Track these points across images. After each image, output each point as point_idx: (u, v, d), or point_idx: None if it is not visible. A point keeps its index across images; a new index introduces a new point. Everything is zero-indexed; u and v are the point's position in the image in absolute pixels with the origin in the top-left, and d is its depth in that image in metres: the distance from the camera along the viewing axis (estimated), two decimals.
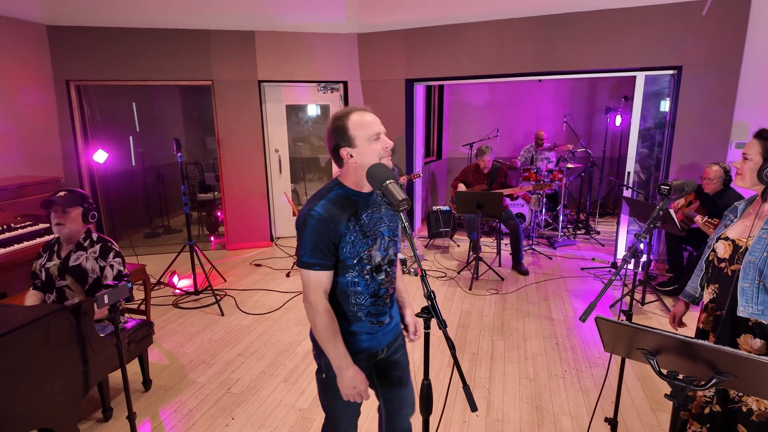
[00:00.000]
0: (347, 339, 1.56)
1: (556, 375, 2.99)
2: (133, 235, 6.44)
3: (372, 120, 1.49)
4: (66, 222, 2.44)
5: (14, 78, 4.53)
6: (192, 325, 3.75)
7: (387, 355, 1.68)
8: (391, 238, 1.60)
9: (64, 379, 1.83)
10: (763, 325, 1.66)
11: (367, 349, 1.60)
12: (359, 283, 1.53)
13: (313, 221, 1.43)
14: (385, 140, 1.50)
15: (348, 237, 1.47)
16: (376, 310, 1.58)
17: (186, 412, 2.66)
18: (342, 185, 1.52)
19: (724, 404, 1.79)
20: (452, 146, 8.21)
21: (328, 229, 1.43)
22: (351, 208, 1.50)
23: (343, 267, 1.50)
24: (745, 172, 1.73)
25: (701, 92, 4.42)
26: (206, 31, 5.29)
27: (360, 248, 1.50)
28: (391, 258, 1.60)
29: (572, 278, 4.66)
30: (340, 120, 1.47)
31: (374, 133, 1.47)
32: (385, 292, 1.59)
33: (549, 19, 4.85)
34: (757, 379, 1.26)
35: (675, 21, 4.38)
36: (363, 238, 1.50)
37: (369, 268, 1.53)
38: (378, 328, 1.60)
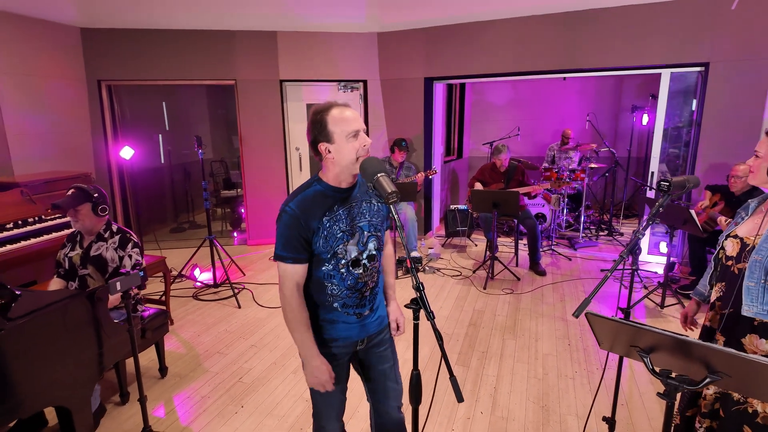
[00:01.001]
0: (323, 326, 1.62)
1: (566, 375, 2.95)
2: (159, 229, 6.68)
3: (351, 116, 1.49)
4: (79, 218, 2.57)
5: (49, 78, 4.76)
6: (210, 317, 3.87)
7: (368, 346, 1.72)
8: (372, 233, 1.61)
9: (79, 360, 1.94)
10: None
11: (344, 337, 1.64)
12: (335, 276, 1.57)
13: (286, 217, 1.50)
14: (363, 138, 1.51)
15: (321, 232, 1.52)
16: (353, 302, 1.62)
17: (198, 399, 2.76)
18: (321, 181, 1.56)
19: (727, 407, 1.74)
20: (473, 145, 8.15)
21: (299, 225, 1.49)
22: (327, 204, 1.53)
23: (318, 260, 1.55)
24: (757, 170, 1.69)
25: (729, 89, 4.26)
26: (230, 32, 5.43)
27: (334, 243, 1.53)
28: (371, 253, 1.61)
29: (591, 279, 4.57)
30: (319, 114, 1.49)
31: (352, 130, 1.47)
32: (364, 285, 1.61)
33: (571, 16, 4.77)
34: (752, 379, 1.23)
35: (702, 16, 4.24)
36: (339, 233, 1.53)
37: (344, 262, 1.56)
38: (356, 320, 1.64)
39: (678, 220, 3.61)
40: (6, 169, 4.28)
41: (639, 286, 4.39)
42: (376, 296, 1.71)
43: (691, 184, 1.62)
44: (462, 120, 7.84)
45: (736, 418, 1.74)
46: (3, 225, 3.33)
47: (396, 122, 5.93)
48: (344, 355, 1.69)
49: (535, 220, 4.87)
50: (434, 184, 6.22)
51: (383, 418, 1.84)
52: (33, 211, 3.59)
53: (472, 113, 8.19)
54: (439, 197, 6.53)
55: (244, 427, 2.50)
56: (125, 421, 2.56)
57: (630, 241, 1.62)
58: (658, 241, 5.15)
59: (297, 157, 6.08)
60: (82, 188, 2.57)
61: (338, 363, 1.68)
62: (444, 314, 3.86)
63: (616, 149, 7.23)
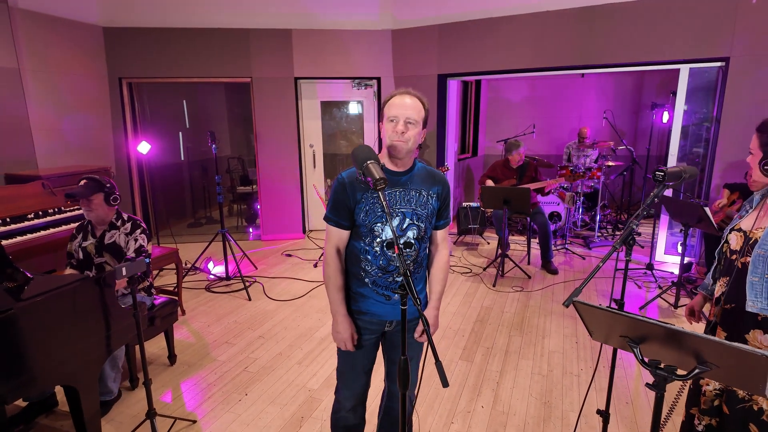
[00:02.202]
0: (354, 297, 1.70)
1: (571, 373, 2.91)
2: (178, 224, 6.83)
3: (401, 104, 1.58)
4: (92, 208, 2.66)
5: (73, 75, 4.93)
6: (220, 308, 3.95)
7: (396, 330, 1.75)
8: (413, 222, 1.64)
9: (87, 341, 2.01)
10: None
11: (372, 313, 1.69)
12: (369, 252, 1.64)
13: (336, 183, 1.65)
14: (398, 125, 1.56)
15: (363, 205, 1.60)
16: (383, 282, 1.66)
17: (204, 386, 2.82)
18: (378, 160, 1.60)
19: (732, 405, 1.71)
20: (489, 143, 8.10)
21: (345, 192, 1.60)
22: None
23: (356, 233, 1.65)
24: (753, 167, 1.66)
25: (750, 85, 4.14)
26: (246, 30, 5.52)
27: (373, 219, 1.60)
28: (408, 240, 1.64)
29: (604, 279, 4.50)
30: (386, 97, 1.64)
31: (392, 115, 1.58)
32: (396, 269, 1.65)
33: (587, 11, 4.70)
34: (739, 368, 1.21)
35: (722, 10, 4.13)
36: (379, 212, 1.60)
37: (379, 240, 1.62)
38: (385, 301, 1.68)
39: (692, 217, 3.52)
40: (30, 163, 4.46)
41: (654, 286, 4.30)
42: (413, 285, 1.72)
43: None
44: (477, 117, 7.79)
45: (741, 416, 1.70)
46: (24, 215, 3.47)
47: None
48: (371, 333, 1.73)
49: (546, 217, 4.81)
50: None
51: (393, 402, 1.90)
52: (53, 203, 3.73)
53: (488, 111, 8.13)
54: (452, 195, 6.50)
55: (247, 414, 2.55)
56: (134, 404, 2.64)
57: (623, 231, 1.60)
58: (676, 241, 5.03)
59: (311, 154, 6.15)
60: (95, 179, 2.66)
61: (365, 338, 1.73)
62: (451, 310, 3.86)
63: (635, 148, 7.09)
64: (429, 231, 1.72)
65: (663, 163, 6.79)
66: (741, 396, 1.68)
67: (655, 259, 4.91)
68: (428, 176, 1.71)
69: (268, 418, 2.52)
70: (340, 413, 1.83)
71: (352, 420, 1.83)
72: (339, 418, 1.84)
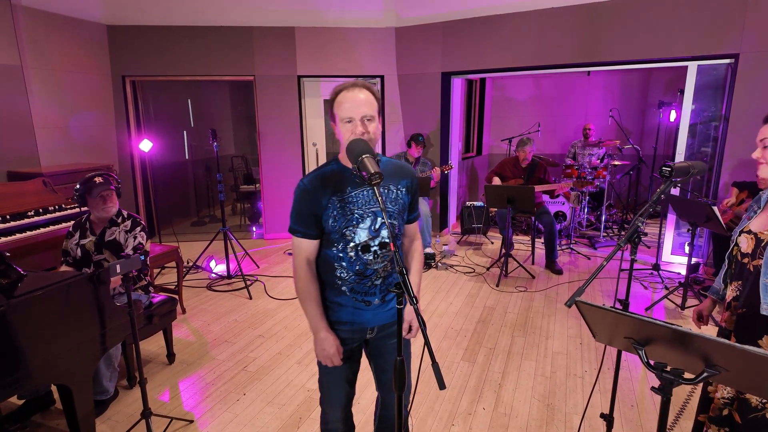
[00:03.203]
0: (331, 307, 1.61)
1: (575, 375, 2.86)
2: (181, 222, 6.83)
3: (351, 103, 1.46)
4: (114, 203, 2.70)
5: (76, 73, 4.93)
6: (221, 307, 3.92)
7: (379, 336, 1.68)
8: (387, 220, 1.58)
9: (80, 340, 1.98)
10: None
11: (351, 322, 1.62)
12: (343, 259, 1.55)
13: (298, 191, 1.53)
14: (356, 126, 1.46)
15: (330, 211, 1.50)
16: (361, 288, 1.58)
17: (203, 386, 2.79)
18: (338, 161, 1.56)
19: (744, 414, 1.63)
20: (494, 142, 8.03)
21: (309, 200, 1.50)
22: (341, 184, 1.51)
23: (327, 240, 1.55)
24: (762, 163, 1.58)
25: (760, 83, 4.05)
26: (249, 28, 5.50)
27: (343, 224, 1.51)
28: (384, 240, 1.56)
29: (609, 279, 4.43)
30: (333, 95, 1.51)
31: (346, 116, 1.46)
32: (373, 273, 1.57)
33: (592, 7, 4.63)
34: (750, 372, 1.15)
35: (731, 5, 4.05)
36: (349, 215, 1.51)
37: (353, 245, 1.53)
38: (365, 307, 1.61)
39: (700, 217, 3.45)
40: (33, 161, 4.45)
41: (660, 287, 4.22)
42: (389, 287, 1.65)
43: (696, 169, 1.52)
44: (482, 116, 7.73)
45: (753, 426, 1.62)
46: (24, 213, 3.46)
47: (413, 117, 5.89)
48: (352, 341, 1.66)
49: (552, 217, 4.75)
50: (451, 180, 6.15)
51: (388, 410, 1.82)
52: (54, 200, 3.72)
53: (492, 109, 8.07)
54: (455, 194, 6.45)
55: (245, 413, 2.52)
56: (131, 404, 2.61)
57: (629, 229, 1.54)
58: (684, 241, 4.95)
59: (314, 153, 6.11)
60: (104, 175, 2.67)
61: (346, 348, 1.65)
62: (453, 310, 3.81)
63: (642, 147, 7.00)
64: (402, 227, 1.63)
65: None
66: (754, 405, 1.60)
67: (662, 260, 4.83)
68: (395, 170, 1.60)
69: (266, 417, 2.48)
70: (328, 425, 1.76)
71: (341, 429, 1.77)
72: (329, 430, 1.77)
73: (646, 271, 4.57)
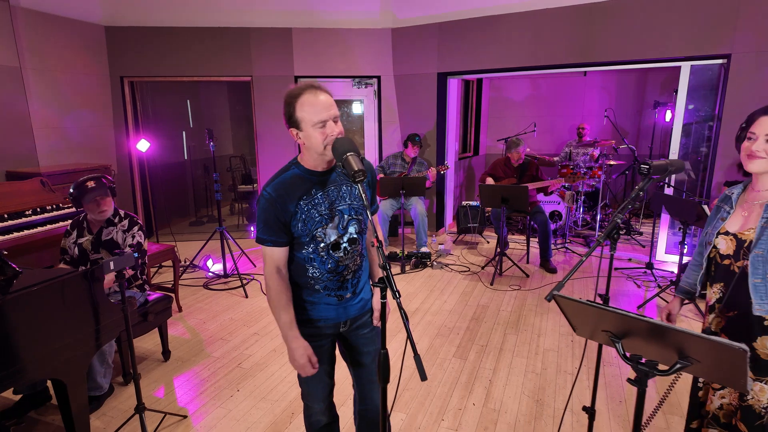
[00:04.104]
0: (305, 307, 1.64)
1: (566, 371, 2.89)
2: (180, 222, 6.87)
3: (320, 105, 1.45)
4: (108, 207, 2.74)
5: (74, 74, 4.97)
6: (217, 305, 3.96)
7: (352, 328, 1.72)
8: (353, 217, 1.61)
9: (74, 336, 2.02)
10: None
11: (325, 318, 1.65)
12: (315, 259, 1.58)
13: (263, 200, 1.52)
14: (330, 128, 1.46)
15: (299, 216, 1.53)
16: (334, 285, 1.62)
17: (197, 382, 2.83)
18: (299, 165, 1.57)
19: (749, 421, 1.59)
20: (490, 142, 8.07)
21: (276, 209, 1.50)
22: (304, 187, 1.53)
23: (298, 243, 1.57)
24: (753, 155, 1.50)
25: (753, 82, 4.08)
26: (246, 29, 5.54)
27: (312, 227, 1.54)
28: (352, 236, 1.61)
29: (603, 278, 4.45)
30: (290, 99, 1.47)
31: (318, 120, 1.44)
32: (344, 268, 1.62)
33: (587, 8, 4.66)
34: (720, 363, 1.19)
35: (723, 6, 4.08)
36: (317, 217, 1.54)
37: (324, 245, 1.57)
38: (337, 302, 1.64)
39: (691, 215, 3.48)
40: (31, 160, 4.49)
41: (653, 285, 4.25)
42: (359, 280, 1.70)
43: (674, 167, 1.56)
44: (479, 116, 7.77)
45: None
46: (22, 212, 3.50)
47: (409, 118, 5.93)
48: (326, 337, 1.70)
49: (546, 216, 4.78)
50: (447, 180, 6.19)
51: (366, 405, 1.84)
52: (51, 200, 3.76)
53: (489, 110, 8.10)
54: (452, 194, 6.48)
55: (238, 409, 2.55)
56: (126, 400, 2.65)
57: (608, 225, 1.58)
58: (677, 240, 4.97)
59: None
60: (99, 179, 2.70)
61: (320, 344, 1.69)
62: (447, 308, 3.84)
63: (639, 147, 7.04)
64: (366, 222, 1.66)
65: None
66: (757, 411, 1.57)
67: (656, 259, 4.86)
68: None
69: (259, 413, 2.52)
70: (312, 417, 1.80)
71: (325, 420, 1.80)
72: (313, 422, 1.81)
73: (639, 270, 4.60)
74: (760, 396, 1.55)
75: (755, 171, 1.55)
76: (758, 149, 1.51)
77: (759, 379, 1.55)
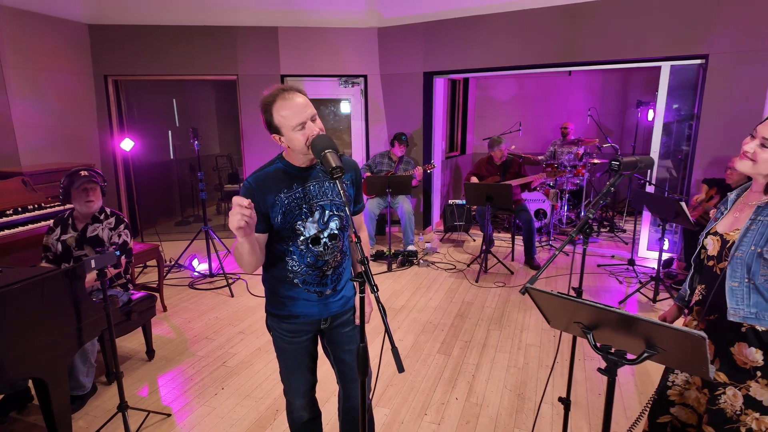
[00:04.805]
0: (284, 302, 1.66)
1: (547, 366, 2.94)
2: (165, 222, 6.82)
3: (295, 108, 1.48)
4: (96, 198, 2.73)
5: (57, 72, 4.92)
6: (202, 305, 3.95)
7: (333, 326, 1.74)
8: (334, 213, 1.64)
9: (55, 334, 2.01)
10: (759, 332, 1.44)
11: (305, 314, 1.67)
12: (294, 252, 1.61)
13: (243, 189, 1.58)
14: (310, 129, 1.49)
15: (278, 208, 1.56)
16: (313, 280, 1.64)
17: (181, 381, 2.83)
18: (283, 159, 1.62)
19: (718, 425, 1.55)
20: (477, 141, 8.13)
21: (254, 198, 1.53)
22: (286, 181, 1.58)
23: (278, 236, 1.60)
24: (763, 162, 1.43)
25: (730, 82, 4.18)
26: (232, 28, 5.52)
27: (292, 219, 1.57)
28: (332, 232, 1.63)
29: (586, 274, 4.53)
30: (265, 107, 1.51)
31: (297, 124, 1.48)
32: (324, 264, 1.64)
33: (570, 9, 4.73)
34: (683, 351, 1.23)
35: (701, 7, 4.17)
36: (296, 210, 1.57)
37: (303, 239, 1.59)
38: (317, 298, 1.66)
39: (669, 212, 3.56)
40: (13, 160, 4.44)
41: (635, 281, 4.33)
42: (340, 277, 1.72)
43: (643, 163, 1.60)
44: (465, 116, 7.82)
45: None
46: (3, 211, 3.45)
47: (396, 117, 5.96)
48: (306, 333, 1.72)
49: (530, 214, 4.84)
50: (434, 179, 6.23)
51: (350, 402, 1.85)
52: (33, 199, 3.72)
53: (476, 109, 8.16)
54: (439, 192, 6.53)
55: (222, 407, 2.56)
56: (109, 399, 2.64)
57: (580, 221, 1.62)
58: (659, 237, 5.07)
59: None
60: (91, 171, 2.70)
61: (301, 340, 1.71)
62: (433, 305, 3.87)
63: (622, 145, 7.14)
64: (348, 219, 1.69)
65: None
66: (729, 416, 1.52)
67: (638, 255, 4.95)
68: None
69: (243, 410, 2.53)
70: (294, 413, 1.82)
71: (307, 416, 1.82)
72: (295, 418, 1.82)
73: (621, 267, 4.68)
74: (734, 401, 1.51)
75: (740, 170, 1.51)
76: (749, 150, 1.46)
77: (734, 384, 1.50)
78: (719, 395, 1.53)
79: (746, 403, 1.49)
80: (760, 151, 1.43)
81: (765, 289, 1.42)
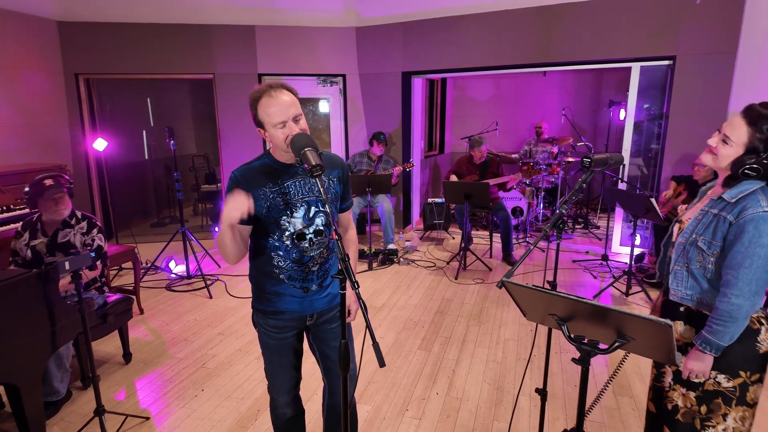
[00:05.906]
0: (270, 298, 1.67)
1: (524, 359, 3.00)
2: (141, 223, 6.68)
3: (278, 107, 1.50)
4: (65, 206, 2.66)
5: (25, 71, 4.77)
6: (180, 306, 3.90)
7: (319, 322, 1.75)
8: (320, 209, 1.65)
9: (28, 338, 1.97)
10: (692, 311, 1.58)
11: (292, 311, 1.68)
12: (280, 248, 1.62)
13: (229, 182, 1.61)
14: (290, 128, 1.51)
15: (264, 202, 1.57)
16: (299, 276, 1.65)
17: (160, 383, 2.79)
18: (269, 155, 1.64)
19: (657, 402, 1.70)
20: (455, 140, 8.22)
21: (239, 189, 1.53)
22: (272, 176, 1.59)
23: (263, 230, 1.61)
24: (722, 157, 1.51)
25: (696, 82, 4.34)
26: (208, 26, 5.45)
27: (277, 214, 1.59)
28: (318, 228, 1.65)
29: (561, 270, 4.63)
30: (252, 101, 1.54)
31: (278, 122, 1.50)
32: (310, 260, 1.65)
33: (543, 10, 4.83)
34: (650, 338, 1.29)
35: (669, 10, 4.32)
36: (281, 205, 1.59)
37: (288, 234, 1.61)
38: (302, 294, 1.67)
39: (640, 208, 3.68)
40: None
41: (609, 276, 4.46)
42: (326, 273, 1.73)
43: (613, 160, 1.66)
44: (444, 115, 7.90)
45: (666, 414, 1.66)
46: None
47: (375, 116, 5.98)
48: (292, 329, 1.73)
49: (508, 212, 4.93)
50: (414, 178, 6.27)
51: (335, 398, 1.87)
52: (2, 201, 3.61)
53: (453, 109, 8.25)
54: (418, 191, 6.58)
55: (202, 408, 2.54)
56: (84, 404, 2.59)
57: (553, 217, 1.67)
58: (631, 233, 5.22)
59: None
60: (56, 177, 2.62)
61: (286, 336, 1.72)
62: (413, 303, 3.91)
63: (596, 144, 7.32)
64: (335, 216, 1.71)
65: None
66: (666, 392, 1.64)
67: (611, 251, 5.09)
68: (327, 161, 1.65)
69: (224, 411, 2.51)
70: (277, 410, 1.83)
71: (290, 413, 1.83)
72: (278, 415, 1.83)
73: (595, 262, 4.81)
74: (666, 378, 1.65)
75: (704, 162, 1.60)
76: (712, 144, 1.55)
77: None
78: (664, 372, 1.67)
79: (675, 379, 1.62)
80: (721, 146, 1.52)
81: (700, 275, 1.54)
